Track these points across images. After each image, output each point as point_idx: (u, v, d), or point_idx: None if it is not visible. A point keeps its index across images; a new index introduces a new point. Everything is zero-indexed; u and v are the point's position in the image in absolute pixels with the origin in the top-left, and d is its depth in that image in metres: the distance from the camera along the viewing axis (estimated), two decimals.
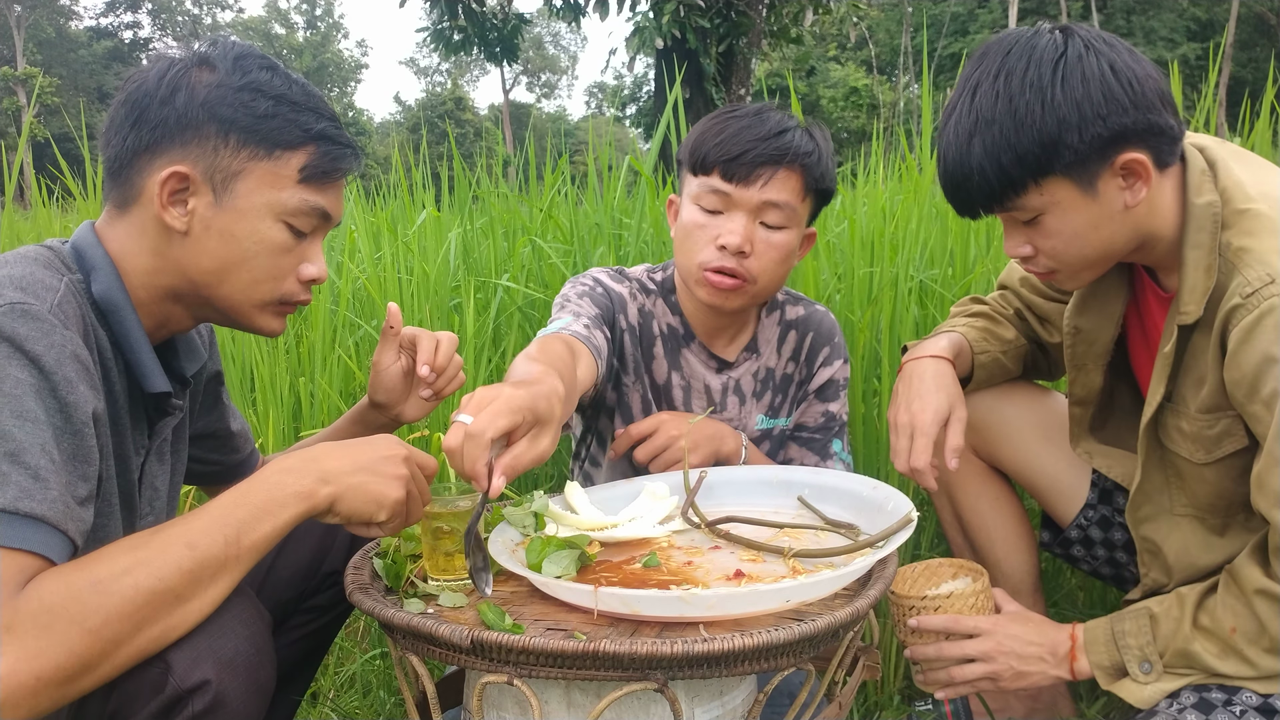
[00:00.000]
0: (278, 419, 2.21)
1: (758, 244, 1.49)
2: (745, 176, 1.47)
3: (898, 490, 1.30)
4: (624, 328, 1.61)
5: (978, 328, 1.58)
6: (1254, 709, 1.25)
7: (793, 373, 1.70)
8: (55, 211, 3.78)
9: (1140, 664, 1.32)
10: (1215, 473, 1.33)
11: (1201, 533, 1.38)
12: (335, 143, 1.13)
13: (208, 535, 0.91)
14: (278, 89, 1.10)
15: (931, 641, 1.41)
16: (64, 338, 0.95)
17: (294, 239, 1.12)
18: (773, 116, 1.51)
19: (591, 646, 0.94)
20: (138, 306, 1.11)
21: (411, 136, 33.81)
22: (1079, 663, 1.37)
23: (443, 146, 25.96)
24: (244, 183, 1.08)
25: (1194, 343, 1.30)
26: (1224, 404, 1.27)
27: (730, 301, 1.53)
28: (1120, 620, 1.35)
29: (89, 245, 1.10)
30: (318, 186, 1.12)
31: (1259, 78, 22.58)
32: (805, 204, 1.52)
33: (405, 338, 1.34)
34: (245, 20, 57.55)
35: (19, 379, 0.90)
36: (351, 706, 1.82)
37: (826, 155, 1.53)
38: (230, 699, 0.92)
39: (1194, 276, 1.26)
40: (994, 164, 1.20)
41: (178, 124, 1.07)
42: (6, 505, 0.85)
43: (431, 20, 12.50)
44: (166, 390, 1.12)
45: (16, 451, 0.87)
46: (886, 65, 33.13)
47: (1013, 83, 1.19)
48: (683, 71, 3.80)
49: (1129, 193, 1.22)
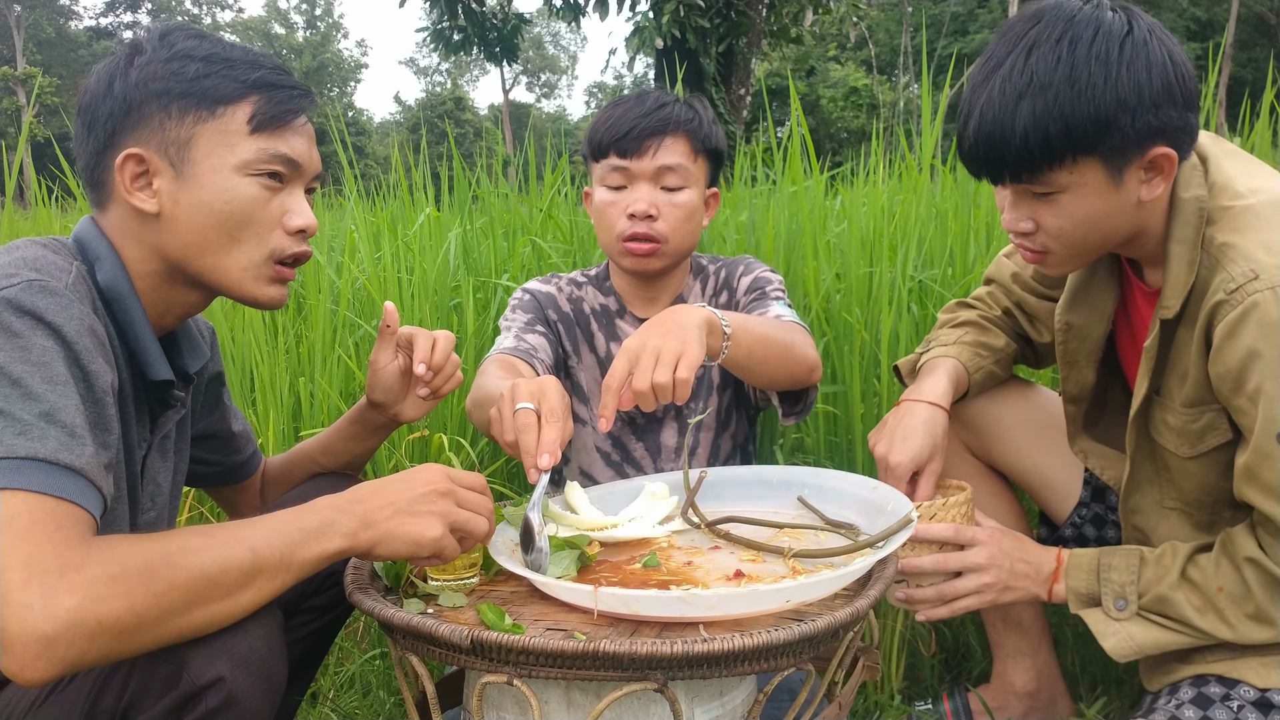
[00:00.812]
0: (278, 419, 2.21)
1: (663, 206, 1.64)
2: (637, 149, 1.63)
3: (897, 491, 1.30)
4: (555, 319, 1.77)
5: (968, 343, 1.58)
6: (1251, 704, 1.25)
7: (718, 303, 1.77)
8: (55, 211, 3.78)
9: (1115, 599, 1.33)
10: (1200, 467, 1.33)
11: (1188, 528, 1.39)
12: (278, 87, 1.12)
13: (268, 544, 0.93)
14: (206, 50, 1.10)
15: (927, 553, 1.39)
16: (81, 311, 0.97)
17: (266, 192, 1.11)
18: (651, 95, 1.68)
19: (591, 647, 0.94)
20: (141, 295, 1.12)
21: (411, 136, 33.80)
22: (1059, 585, 1.38)
23: (442, 146, 25.96)
24: (197, 148, 1.09)
25: (1178, 337, 1.30)
26: (1208, 398, 1.28)
27: (651, 264, 1.67)
28: (1110, 554, 1.36)
29: (92, 237, 1.11)
30: (272, 133, 1.11)
31: (1259, 78, 22.59)
32: (698, 164, 1.67)
33: (402, 337, 1.34)
34: (245, 20, 57.54)
35: (45, 346, 0.92)
36: (351, 706, 1.82)
37: (707, 120, 1.69)
38: (244, 696, 0.92)
39: (1176, 271, 1.26)
40: (1040, 131, 1.14)
41: (122, 112, 1.08)
42: (48, 456, 0.86)
43: (431, 20, 12.52)
44: (169, 378, 1.12)
45: (51, 411, 0.89)
46: (886, 65, 33.13)
47: (1078, 50, 1.13)
48: (683, 71, 3.81)
49: (1146, 187, 1.21)
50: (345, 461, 1.45)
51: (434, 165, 4.66)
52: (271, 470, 1.50)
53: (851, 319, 2.06)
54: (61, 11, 47.98)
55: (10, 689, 0.97)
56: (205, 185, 1.09)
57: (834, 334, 2.12)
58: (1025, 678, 1.66)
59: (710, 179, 1.72)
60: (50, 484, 0.86)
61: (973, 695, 1.68)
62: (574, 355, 1.78)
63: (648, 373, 1.20)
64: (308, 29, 60.06)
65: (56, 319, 0.94)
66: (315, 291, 2.41)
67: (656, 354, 1.22)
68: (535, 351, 1.64)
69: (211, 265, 1.12)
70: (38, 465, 0.86)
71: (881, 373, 1.98)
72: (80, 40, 48.57)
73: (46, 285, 0.95)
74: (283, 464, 1.49)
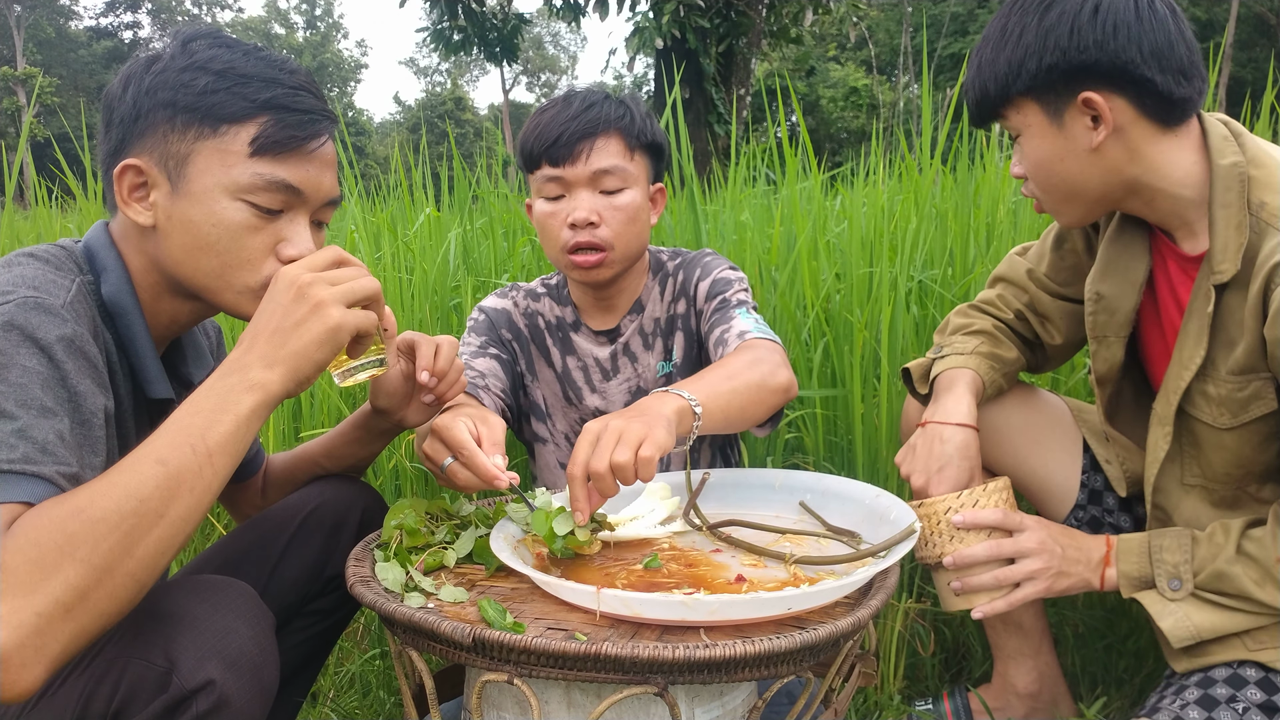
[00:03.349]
0: (278, 419, 2.21)
1: (604, 211, 1.57)
2: (569, 156, 1.56)
3: (900, 499, 1.30)
4: (509, 338, 1.74)
5: (984, 354, 1.56)
6: (1257, 706, 1.25)
7: (674, 312, 1.71)
8: (55, 211, 3.78)
9: (1170, 580, 1.31)
10: (1237, 439, 1.33)
11: (1206, 506, 1.38)
12: (290, 110, 1.07)
13: (173, 448, 0.88)
14: (223, 62, 1.06)
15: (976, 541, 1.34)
16: (75, 331, 0.95)
17: (260, 218, 1.07)
18: (577, 96, 1.60)
19: (593, 649, 0.94)
20: (145, 307, 1.10)
21: (411, 136, 33.79)
22: (1110, 570, 1.35)
23: (442, 146, 25.95)
24: (194, 165, 1.05)
25: (1225, 303, 1.30)
26: (1259, 365, 1.28)
27: (600, 274, 1.60)
28: (1160, 536, 1.34)
29: (101, 246, 1.10)
30: (275, 158, 1.06)
31: (1259, 78, 22.57)
32: (636, 161, 1.60)
33: (402, 342, 1.31)
34: (245, 20, 57.52)
35: (26, 367, 0.89)
36: (351, 706, 1.82)
37: (639, 114, 1.61)
38: (234, 699, 0.91)
39: (1225, 235, 1.27)
40: (979, 79, 1.33)
41: (132, 118, 1.06)
42: (12, 466, 0.84)
43: (431, 20, 12.50)
44: (169, 397, 1.11)
45: (25, 429, 0.87)
46: (886, 65, 33.13)
47: (1013, 8, 1.30)
48: (682, 71, 3.80)
49: (1094, 133, 1.27)
50: (349, 465, 1.44)
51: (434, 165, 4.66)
52: (274, 470, 1.50)
53: (852, 318, 2.06)
54: (61, 11, 47.96)
55: None
56: (195, 203, 1.05)
57: (834, 334, 2.12)
58: (1027, 679, 1.66)
59: (654, 174, 1.65)
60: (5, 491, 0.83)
61: (973, 695, 1.68)
62: (530, 374, 1.75)
63: (606, 453, 1.13)
64: (308, 29, 60.06)
65: (46, 338, 0.91)
66: None
67: (618, 434, 1.15)
68: (484, 377, 1.60)
69: (204, 286, 1.09)
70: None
71: (882, 373, 1.98)
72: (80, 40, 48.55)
73: (42, 303, 0.93)
74: (286, 465, 1.49)
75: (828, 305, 2.24)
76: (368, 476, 2.11)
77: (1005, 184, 2.69)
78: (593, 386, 1.73)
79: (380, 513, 1.36)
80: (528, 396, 1.76)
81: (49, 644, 0.79)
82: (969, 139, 2.66)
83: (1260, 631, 1.30)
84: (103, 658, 0.92)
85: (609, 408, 1.71)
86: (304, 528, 1.31)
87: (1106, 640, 1.85)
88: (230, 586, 1.00)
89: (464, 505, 1.38)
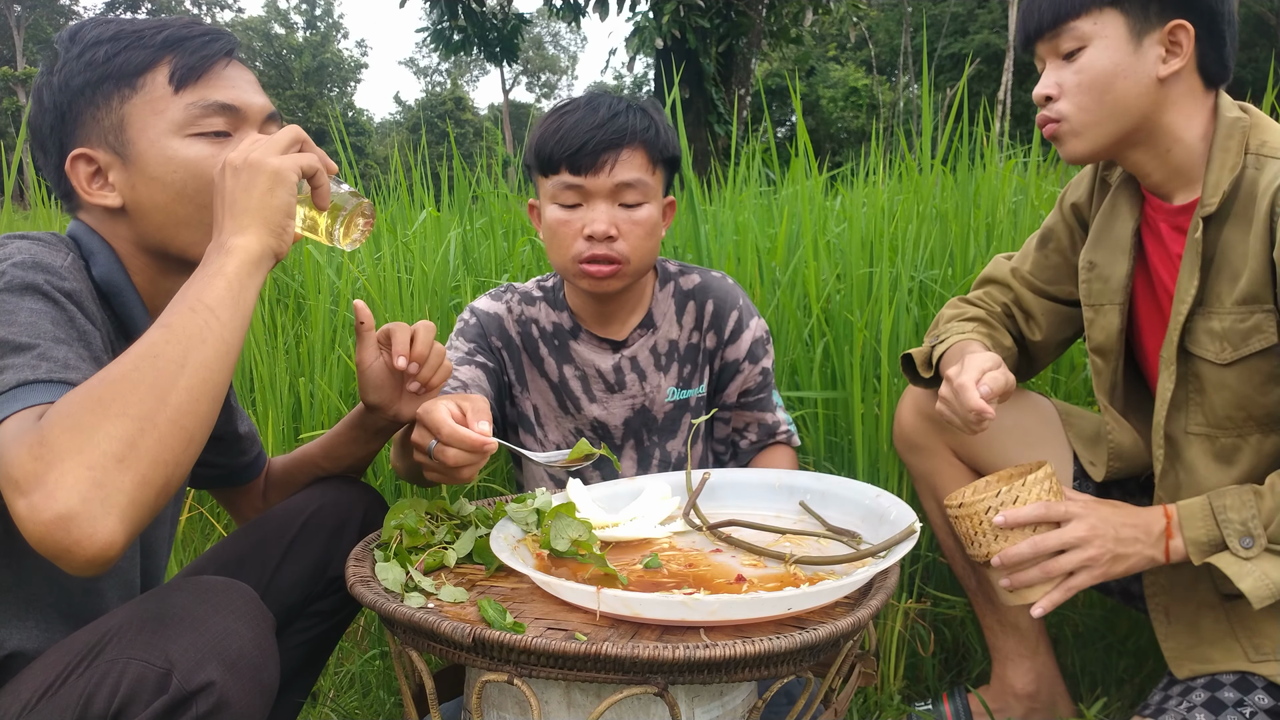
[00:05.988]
0: (277, 419, 2.21)
1: (622, 225, 1.54)
2: (592, 166, 1.51)
3: (900, 500, 1.30)
4: (499, 345, 1.68)
5: (983, 334, 1.57)
6: (1265, 711, 1.25)
7: (699, 342, 1.70)
8: (55, 211, 3.77)
9: (1241, 538, 1.27)
10: (1237, 376, 1.33)
11: (1209, 459, 1.38)
12: (190, 38, 1.11)
13: (172, 314, 0.92)
14: (112, 30, 1.10)
15: (1021, 539, 1.30)
16: (76, 288, 0.98)
17: (214, 148, 1.10)
18: (604, 102, 1.56)
19: (593, 649, 0.94)
20: (142, 291, 1.13)
21: (411, 136, 33.79)
22: (1174, 540, 1.30)
23: (442, 146, 25.94)
24: (132, 127, 1.08)
25: (1225, 239, 1.32)
26: (1263, 295, 1.30)
27: (610, 285, 1.57)
28: (1219, 496, 1.30)
29: (84, 233, 1.12)
30: (198, 84, 1.10)
31: (1259, 78, 22.55)
32: (656, 175, 1.57)
33: (381, 334, 1.31)
34: (245, 20, 57.50)
35: (34, 309, 0.93)
36: (351, 706, 1.82)
37: (663, 127, 1.59)
38: (234, 700, 0.91)
39: (1218, 173, 1.32)
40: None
41: (57, 120, 1.09)
42: (37, 376, 0.89)
43: (431, 20, 12.50)
44: None
45: (44, 353, 0.91)
46: (886, 65, 33.12)
47: None
48: (682, 71, 3.80)
49: (1164, 64, 1.31)
50: (348, 465, 1.44)
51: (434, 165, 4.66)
52: (275, 472, 1.50)
53: (853, 318, 2.06)
54: (61, 11, 47.92)
55: (2, 693, 0.97)
56: (150, 160, 1.08)
57: (834, 334, 2.12)
58: (1024, 680, 1.66)
59: (666, 187, 1.63)
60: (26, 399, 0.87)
61: (973, 696, 1.68)
62: (519, 384, 1.70)
63: None
64: (308, 29, 60.04)
65: (50, 289, 0.95)
66: (315, 292, 2.41)
67: None
68: (468, 387, 1.57)
69: (191, 241, 1.10)
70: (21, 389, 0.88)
71: (882, 373, 1.98)
72: None
73: (42, 263, 0.96)
74: (285, 467, 1.49)
75: (828, 305, 2.24)
76: (368, 477, 2.11)
77: (1005, 184, 2.69)
78: (593, 396, 1.69)
79: (381, 514, 1.35)
80: (515, 407, 1.71)
81: (112, 494, 0.81)
82: (969, 139, 2.66)
83: (1263, 641, 1.29)
84: (103, 658, 0.91)
85: (610, 419, 1.69)
86: (305, 529, 1.31)
87: (1106, 640, 1.85)
88: (231, 588, 1.00)
89: (464, 505, 1.38)
